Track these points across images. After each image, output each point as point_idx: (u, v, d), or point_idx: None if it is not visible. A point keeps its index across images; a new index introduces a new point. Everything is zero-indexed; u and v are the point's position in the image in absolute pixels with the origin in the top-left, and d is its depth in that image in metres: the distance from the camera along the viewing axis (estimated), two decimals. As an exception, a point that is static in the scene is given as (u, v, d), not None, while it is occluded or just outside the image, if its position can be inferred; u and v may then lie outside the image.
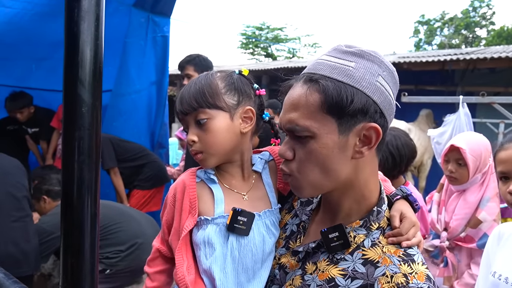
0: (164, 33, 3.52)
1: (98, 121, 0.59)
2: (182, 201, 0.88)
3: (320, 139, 0.70)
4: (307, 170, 0.72)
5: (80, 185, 0.57)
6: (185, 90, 0.89)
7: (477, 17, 25.05)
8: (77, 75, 0.56)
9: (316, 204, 0.87)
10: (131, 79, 3.42)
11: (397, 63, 7.04)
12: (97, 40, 0.57)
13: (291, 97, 0.73)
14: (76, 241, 0.58)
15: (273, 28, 21.10)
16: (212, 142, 0.87)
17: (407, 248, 0.73)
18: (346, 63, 0.71)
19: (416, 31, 27.63)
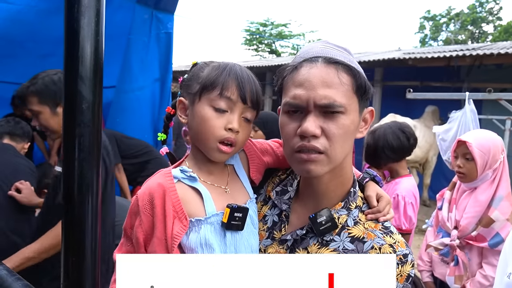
0: (167, 30, 3.52)
1: (98, 118, 0.58)
2: (164, 207, 0.81)
3: (350, 116, 0.77)
4: (337, 145, 0.76)
5: (80, 183, 0.57)
6: (250, 80, 0.88)
7: (483, 12, 24.77)
8: (77, 72, 0.55)
9: (293, 192, 0.91)
10: (134, 76, 3.42)
11: (402, 59, 6.99)
12: (98, 36, 0.57)
13: (318, 76, 0.76)
14: (77, 239, 0.57)
15: (277, 24, 21.01)
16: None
17: (383, 222, 0.83)
18: (347, 55, 0.80)
19: (422, 27, 27.39)
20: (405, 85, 6.14)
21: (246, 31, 21.12)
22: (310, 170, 0.77)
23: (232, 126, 0.84)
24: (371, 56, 8.29)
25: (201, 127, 0.85)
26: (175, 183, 0.85)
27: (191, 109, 0.89)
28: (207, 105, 0.85)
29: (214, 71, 0.87)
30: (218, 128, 0.84)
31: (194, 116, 0.87)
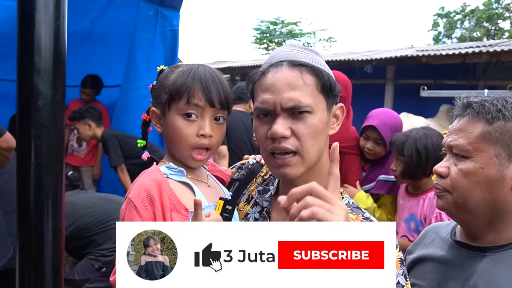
0: (173, 27, 3.44)
1: (60, 117, 0.50)
2: (162, 200, 0.83)
3: (317, 115, 0.80)
4: (308, 144, 0.79)
5: (38, 193, 0.48)
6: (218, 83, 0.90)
7: (500, 8, 24.16)
8: (31, 63, 0.47)
9: (274, 190, 0.94)
10: (139, 74, 3.37)
11: (415, 56, 6.81)
12: (58, 20, 0.48)
13: (283, 79, 0.79)
14: (34, 260, 0.49)
15: (287, 23, 20.83)
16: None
17: (363, 213, 0.86)
18: (313, 56, 0.83)
19: (435, 24, 26.88)
20: (418, 83, 5.98)
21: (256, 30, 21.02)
22: (286, 174, 0.81)
23: (204, 132, 0.87)
24: (383, 53, 8.12)
25: (174, 136, 0.89)
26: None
27: (163, 118, 0.91)
28: (177, 115, 0.88)
29: (178, 79, 0.88)
30: (190, 136, 0.87)
31: (166, 125, 0.91)
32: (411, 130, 1.97)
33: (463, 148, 0.85)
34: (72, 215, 2.15)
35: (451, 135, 0.90)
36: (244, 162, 1.10)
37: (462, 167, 0.85)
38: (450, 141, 0.89)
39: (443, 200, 0.90)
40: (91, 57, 3.82)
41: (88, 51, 3.78)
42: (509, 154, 0.82)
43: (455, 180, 0.86)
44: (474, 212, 0.85)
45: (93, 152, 3.89)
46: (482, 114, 0.84)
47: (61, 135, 0.49)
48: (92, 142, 3.67)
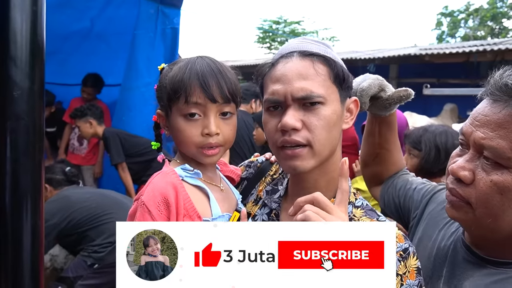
0: (174, 25, 3.42)
1: (38, 109, 0.47)
2: (177, 205, 0.78)
3: (331, 106, 0.75)
4: (320, 137, 0.74)
5: (14, 191, 0.45)
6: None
7: (504, 7, 23.99)
8: (7, 51, 0.43)
9: (283, 191, 0.89)
10: (140, 72, 3.34)
11: (418, 55, 6.75)
12: (35, 6, 0.45)
13: (294, 69, 0.75)
14: (11, 263, 0.46)
15: (290, 22, 20.78)
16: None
17: (378, 216, 0.80)
18: (325, 48, 0.80)
19: (439, 23, 26.75)
20: (421, 82, 5.92)
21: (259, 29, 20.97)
22: (296, 166, 0.76)
23: (208, 131, 0.81)
24: (386, 52, 8.06)
25: (179, 138, 0.84)
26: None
27: (167, 120, 0.87)
28: (179, 115, 0.83)
29: (175, 78, 0.82)
30: (195, 137, 0.82)
31: (171, 127, 0.86)
32: (429, 125, 1.92)
33: (502, 155, 0.64)
34: (67, 209, 2.14)
35: (482, 128, 0.67)
36: (253, 160, 1.05)
37: (497, 180, 0.65)
38: (481, 137, 0.66)
39: (460, 212, 0.72)
40: (91, 55, 3.81)
41: (89, 50, 3.76)
42: None
43: (485, 195, 0.66)
44: (499, 232, 0.68)
45: (94, 150, 3.87)
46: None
47: (39, 128, 0.46)
48: (93, 140, 3.65)
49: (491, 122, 0.66)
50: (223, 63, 0.86)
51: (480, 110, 0.69)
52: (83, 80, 3.81)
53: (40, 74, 0.46)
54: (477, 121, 0.68)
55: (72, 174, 2.54)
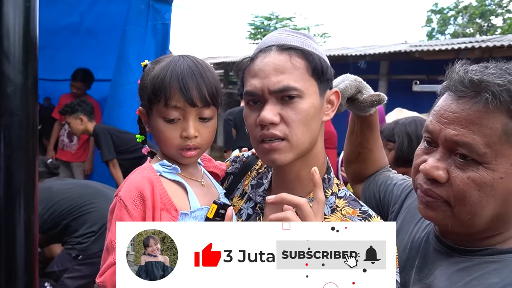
0: (165, 21, 3.40)
1: (31, 105, 0.47)
2: (154, 199, 0.80)
3: (308, 99, 0.76)
4: (297, 130, 0.75)
5: (8, 185, 0.45)
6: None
7: (492, 5, 24.31)
8: (0, 48, 0.44)
9: (267, 184, 0.91)
10: (130, 68, 3.32)
11: (408, 51, 6.81)
12: (28, 2, 0.45)
13: (270, 63, 0.76)
14: (6, 257, 0.46)
15: (282, 18, 20.75)
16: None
17: (361, 207, 0.82)
18: (306, 40, 0.80)
19: (429, 20, 27.00)
20: (412, 78, 5.99)
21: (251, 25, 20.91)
22: (274, 159, 0.76)
23: (186, 134, 0.83)
24: (376, 49, 8.12)
25: (159, 138, 0.85)
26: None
27: (148, 118, 0.88)
28: (158, 117, 0.84)
29: (155, 79, 0.82)
30: (174, 139, 0.83)
31: (151, 126, 0.87)
32: (399, 118, 1.98)
33: (478, 150, 0.63)
34: (49, 200, 2.13)
35: (453, 125, 0.66)
36: (239, 155, 1.07)
37: (474, 176, 0.64)
38: (454, 134, 0.65)
39: (437, 212, 0.70)
40: (81, 51, 3.77)
41: (78, 45, 3.72)
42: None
43: (463, 192, 0.65)
44: (475, 227, 0.68)
45: (84, 147, 3.83)
46: (506, 104, 0.61)
47: (33, 124, 0.46)
48: (83, 137, 3.62)
49: (461, 119, 0.65)
50: (205, 63, 0.86)
51: (446, 106, 0.68)
52: (72, 74, 3.76)
53: (33, 70, 0.47)
54: (445, 119, 0.68)
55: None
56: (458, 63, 0.70)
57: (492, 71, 0.65)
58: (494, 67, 0.66)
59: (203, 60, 0.88)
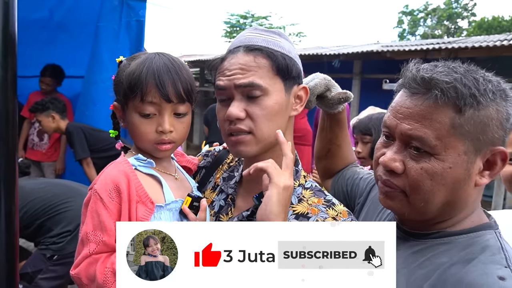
0: (139, 18, 3.35)
1: (10, 97, 0.48)
2: (129, 192, 0.81)
3: (273, 96, 0.81)
4: (262, 125, 0.81)
5: (-13, 176, 0.47)
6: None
7: (459, 8, 25.37)
8: (-22, 40, 0.45)
9: (238, 177, 0.95)
10: (104, 66, 3.25)
11: (380, 51, 7.03)
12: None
13: (237, 63, 0.81)
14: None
15: (257, 17, 20.81)
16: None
17: (325, 196, 0.88)
18: (274, 39, 0.85)
19: (400, 22, 27.84)
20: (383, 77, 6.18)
21: (226, 23, 20.84)
22: (240, 151, 0.82)
23: (162, 129, 0.85)
24: (350, 48, 8.31)
25: (134, 132, 0.88)
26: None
27: (123, 114, 0.90)
28: (134, 112, 0.86)
29: (131, 75, 0.84)
30: (149, 133, 0.86)
31: (127, 121, 0.89)
32: (371, 114, 2.07)
33: (429, 144, 0.68)
34: (22, 199, 2.06)
35: (407, 120, 0.70)
36: (210, 149, 1.10)
37: (426, 167, 0.69)
38: (408, 129, 0.70)
39: (395, 201, 0.75)
40: (51, 46, 3.65)
41: (48, 40, 3.60)
42: (476, 148, 0.69)
43: (417, 182, 0.70)
44: (428, 214, 0.74)
45: (55, 146, 3.72)
46: (453, 100, 0.66)
47: (13, 115, 0.48)
48: (54, 135, 3.52)
49: (414, 114, 0.70)
50: (180, 61, 0.89)
51: (401, 103, 0.73)
52: (41, 70, 3.63)
53: (12, 64, 0.48)
54: (400, 114, 0.72)
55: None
56: (411, 62, 0.74)
57: (441, 70, 0.70)
58: (443, 66, 0.71)
59: (178, 58, 0.90)
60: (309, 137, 2.28)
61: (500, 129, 0.68)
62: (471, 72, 0.69)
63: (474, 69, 0.72)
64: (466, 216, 0.74)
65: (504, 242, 0.71)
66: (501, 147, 0.69)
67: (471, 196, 0.72)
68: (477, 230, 0.72)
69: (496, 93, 0.68)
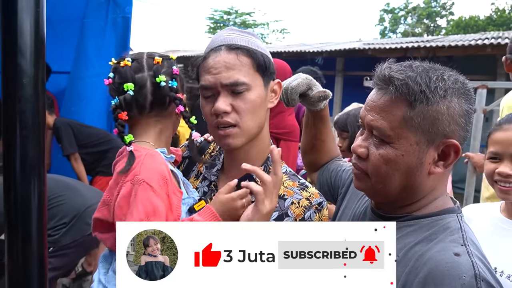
0: (125, 14, 3.37)
1: (42, 93, 0.56)
2: (171, 181, 0.88)
3: (255, 91, 0.89)
4: (246, 118, 0.88)
5: (23, 162, 0.54)
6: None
7: (438, 7, 26.00)
8: (16, 45, 0.52)
9: (220, 165, 1.03)
10: (90, 62, 3.27)
11: (362, 49, 7.20)
12: (38, 7, 0.54)
13: (222, 61, 0.88)
14: (22, 221, 0.55)
15: (241, 13, 20.83)
16: None
17: (299, 180, 0.96)
18: (249, 38, 0.93)
19: (382, 19, 28.30)
20: (365, 74, 6.35)
21: (210, 19, 20.77)
22: (229, 143, 0.89)
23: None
24: (333, 46, 8.47)
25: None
26: None
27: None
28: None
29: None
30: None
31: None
32: (349, 110, 2.18)
33: (384, 133, 0.77)
34: None
35: (371, 112, 0.80)
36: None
37: (383, 153, 0.78)
38: (370, 120, 0.80)
39: (362, 182, 0.85)
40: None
41: (33, 36, 3.57)
42: (428, 140, 0.76)
43: (375, 166, 0.80)
44: (389, 196, 0.83)
45: (41, 142, 3.70)
46: (404, 95, 0.75)
47: (43, 109, 0.55)
48: (39, 132, 3.50)
49: (376, 107, 0.79)
50: None
51: (370, 97, 0.83)
52: None
53: (42, 64, 0.55)
54: (368, 107, 0.82)
55: None
56: (386, 61, 0.82)
57: (397, 68, 0.79)
58: (400, 65, 0.80)
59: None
60: (296, 133, 2.37)
61: (453, 124, 0.76)
62: (429, 71, 0.77)
63: (436, 68, 0.80)
64: (430, 202, 0.83)
65: (464, 224, 0.80)
66: (453, 140, 0.77)
67: (426, 182, 0.80)
68: (440, 214, 0.81)
69: (447, 91, 0.75)
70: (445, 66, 0.82)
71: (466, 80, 0.82)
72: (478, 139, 2.74)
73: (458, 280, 0.65)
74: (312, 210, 0.88)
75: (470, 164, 2.56)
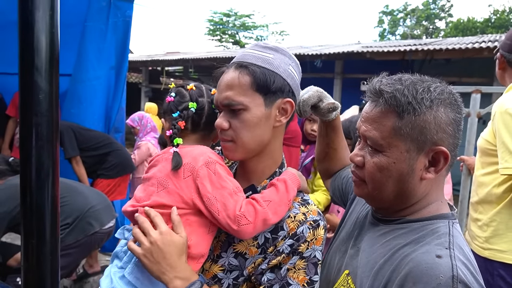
0: (126, 18, 3.43)
1: (56, 107, 0.61)
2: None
3: (251, 111, 0.89)
4: (242, 135, 0.90)
5: (39, 169, 0.59)
6: None
7: (436, 9, 26.09)
8: (33, 63, 0.57)
9: (233, 175, 1.05)
10: (91, 65, 3.31)
11: (360, 52, 7.25)
12: (53, 28, 0.59)
13: (225, 80, 0.91)
14: (36, 224, 0.60)
15: (240, 15, 20.90)
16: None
17: (302, 195, 0.97)
18: (266, 55, 0.93)
19: (381, 21, 28.40)
20: (364, 77, 6.41)
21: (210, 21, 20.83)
22: (227, 155, 0.94)
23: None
24: (331, 48, 8.53)
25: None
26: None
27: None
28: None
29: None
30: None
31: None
32: (351, 117, 2.22)
33: (376, 142, 0.83)
34: (17, 197, 2.11)
35: (365, 123, 0.86)
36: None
37: (376, 161, 0.84)
38: (364, 130, 0.86)
39: (360, 189, 0.91)
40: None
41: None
42: (418, 147, 0.81)
43: (370, 174, 0.85)
44: (385, 201, 0.88)
45: (42, 145, 3.74)
46: (393, 107, 0.81)
47: (56, 122, 0.59)
48: (41, 134, 3.54)
49: (369, 118, 0.85)
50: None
51: (365, 108, 0.89)
52: None
53: (56, 80, 0.60)
54: (363, 118, 0.88)
55: (16, 164, 2.50)
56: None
57: (387, 82, 0.84)
58: (390, 79, 0.86)
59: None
60: (298, 139, 2.41)
61: (440, 132, 0.81)
62: (416, 83, 0.82)
63: (424, 80, 0.86)
64: (423, 207, 0.88)
65: (455, 230, 0.84)
66: (441, 147, 0.81)
67: (418, 188, 0.84)
68: (432, 219, 0.86)
69: (433, 101, 0.80)
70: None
71: (453, 90, 0.86)
72: (473, 143, 2.78)
73: (435, 279, 0.70)
74: (306, 225, 0.88)
75: (465, 167, 2.61)
